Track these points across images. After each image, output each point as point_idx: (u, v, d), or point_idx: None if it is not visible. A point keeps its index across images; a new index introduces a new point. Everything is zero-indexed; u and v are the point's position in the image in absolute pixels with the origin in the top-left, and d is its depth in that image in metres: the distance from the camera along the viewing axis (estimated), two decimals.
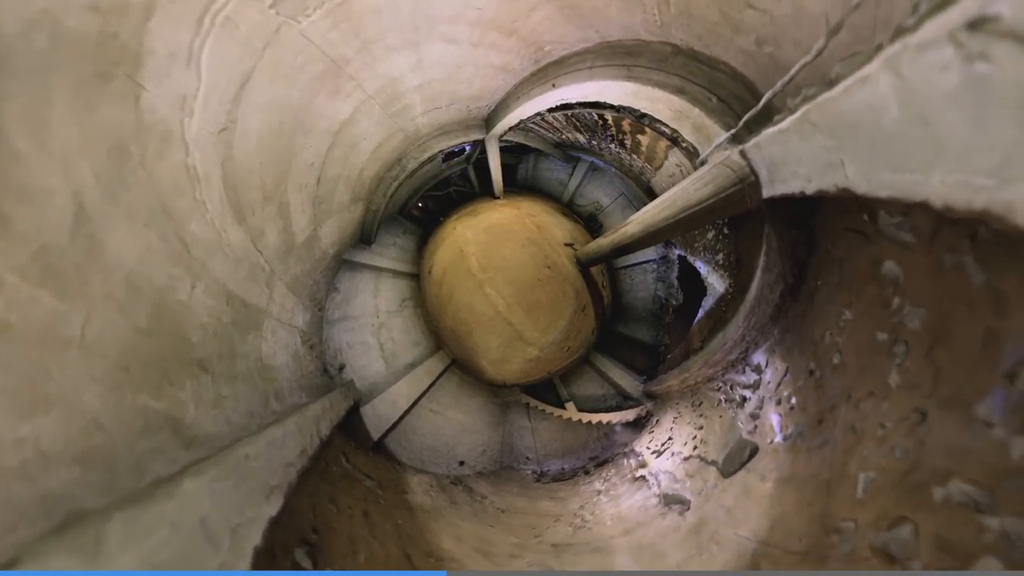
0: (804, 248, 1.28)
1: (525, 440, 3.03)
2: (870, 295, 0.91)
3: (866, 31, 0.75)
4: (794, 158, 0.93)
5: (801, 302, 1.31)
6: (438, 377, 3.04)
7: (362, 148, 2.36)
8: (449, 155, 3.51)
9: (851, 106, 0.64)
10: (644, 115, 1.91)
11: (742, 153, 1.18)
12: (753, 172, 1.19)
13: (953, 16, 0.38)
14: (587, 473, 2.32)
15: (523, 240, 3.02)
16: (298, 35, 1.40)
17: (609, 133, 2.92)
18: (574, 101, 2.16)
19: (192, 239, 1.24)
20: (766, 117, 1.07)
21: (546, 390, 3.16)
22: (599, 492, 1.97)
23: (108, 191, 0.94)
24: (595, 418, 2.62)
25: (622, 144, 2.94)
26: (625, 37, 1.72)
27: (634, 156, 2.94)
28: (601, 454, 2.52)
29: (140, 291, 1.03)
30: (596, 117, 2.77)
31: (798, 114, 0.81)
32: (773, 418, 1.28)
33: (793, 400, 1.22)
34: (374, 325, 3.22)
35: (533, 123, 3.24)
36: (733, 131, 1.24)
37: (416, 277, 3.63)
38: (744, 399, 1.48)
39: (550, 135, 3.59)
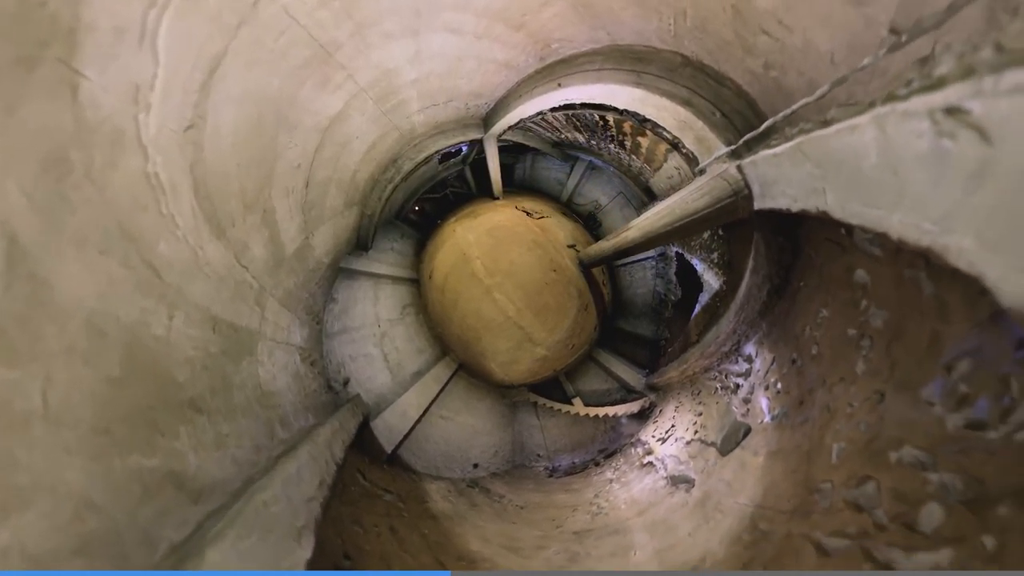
0: (789, 253, 1.46)
1: (535, 438, 3.12)
2: (843, 297, 1.09)
3: (862, 80, 0.89)
4: (784, 179, 1.07)
5: (785, 300, 1.49)
6: (446, 383, 3.05)
7: (354, 148, 2.19)
8: (445, 156, 3.44)
9: (839, 146, 0.78)
10: (647, 120, 1.94)
11: (739, 168, 1.32)
12: (747, 186, 1.33)
13: (936, 99, 0.51)
14: (597, 465, 2.47)
15: (528, 243, 3.08)
16: (280, 12, 1.18)
17: (609, 134, 2.98)
18: (578, 102, 2.11)
19: (162, 262, 1.05)
20: (764, 139, 1.21)
21: (552, 388, 3.27)
22: (611, 480, 2.14)
23: (47, 215, 0.74)
24: (602, 411, 2.77)
25: (622, 145, 3.00)
26: (636, 42, 1.70)
27: (633, 157, 3.01)
28: (609, 446, 2.66)
29: (106, 334, 0.85)
30: (597, 118, 2.81)
31: (793, 143, 0.95)
32: (762, 402, 1.47)
33: (779, 385, 1.41)
34: (376, 335, 3.13)
35: (533, 122, 3.24)
36: (733, 147, 1.37)
37: (416, 282, 3.55)
38: (737, 386, 1.68)
39: (549, 134, 3.61)
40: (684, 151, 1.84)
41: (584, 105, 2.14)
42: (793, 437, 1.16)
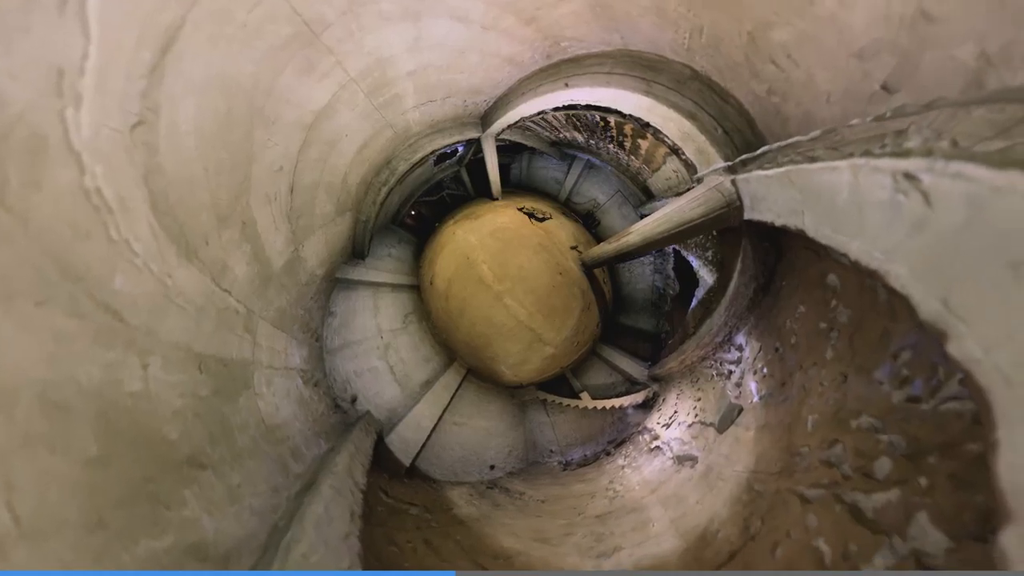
0: (773, 257, 1.70)
1: (546, 434, 3.22)
2: (817, 296, 1.33)
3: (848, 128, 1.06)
4: (771, 198, 1.28)
5: (770, 297, 1.75)
6: (456, 390, 3.04)
7: (344, 148, 2.00)
8: (441, 157, 3.37)
9: (820, 180, 0.99)
10: (650, 125, 1.97)
11: (733, 183, 1.52)
12: (739, 199, 1.54)
13: (900, 164, 0.70)
14: (608, 454, 2.67)
15: (534, 246, 3.15)
16: None
17: (610, 134, 3.02)
18: (584, 103, 2.08)
19: (122, 301, 0.86)
20: (758, 160, 1.40)
21: (559, 385, 3.42)
22: (623, 467, 2.36)
23: None
24: (608, 404, 2.96)
25: (621, 146, 3.06)
26: (648, 50, 1.70)
27: (632, 157, 3.09)
28: (618, 436, 2.86)
29: (69, 408, 0.70)
30: (599, 118, 2.81)
31: (783, 169, 1.15)
32: (752, 385, 1.73)
33: (764, 370, 1.67)
34: (380, 347, 3.02)
35: (532, 121, 3.19)
36: (731, 164, 1.54)
37: (417, 288, 3.46)
38: (730, 372, 1.94)
39: (547, 133, 3.62)
40: (684, 158, 1.94)
41: (589, 107, 2.14)
42: (777, 413, 1.41)
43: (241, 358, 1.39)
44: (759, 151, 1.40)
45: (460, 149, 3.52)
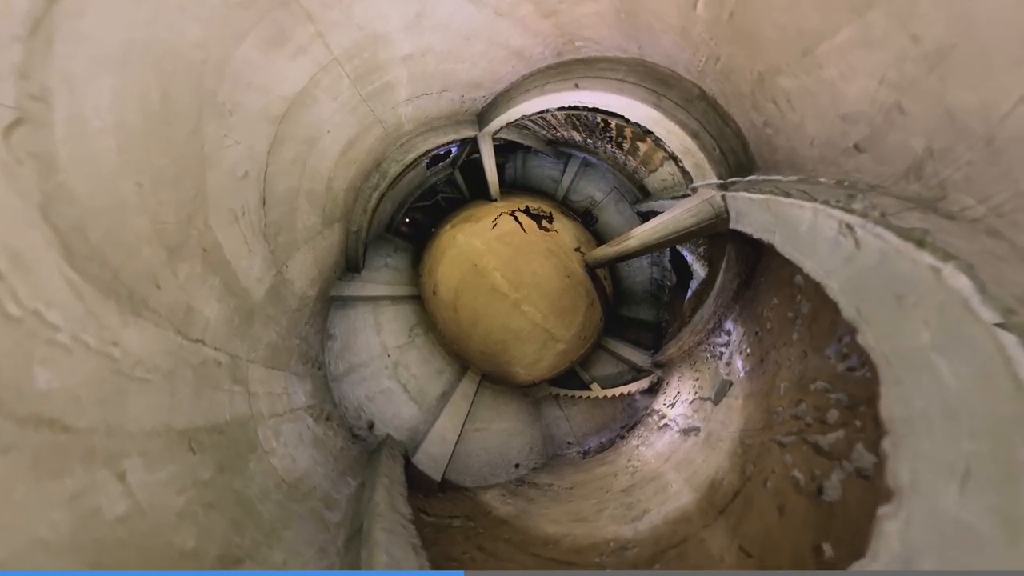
0: (753, 258, 2.14)
1: (562, 428, 3.45)
2: (786, 292, 1.76)
3: (818, 173, 1.43)
4: (752, 216, 1.69)
5: (751, 290, 2.20)
6: (474, 397, 3.09)
7: (326, 147, 1.72)
8: (433, 159, 3.27)
9: (789, 212, 1.38)
10: (652, 132, 2.10)
11: (723, 198, 1.90)
12: (727, 211, 1.93)
13: (845, 217, 1.08)
14: (623, 438, 3.05)
15: (544, 252, 3.32)
16: None
17: (609, 135, 3.13)
18: (590, 105, 2.08)
19: (57, 403, 0.66)
20: (746, 184, 1.79)
21: (568, 380, 3.70)
22: (637, 446, 2.79)
23: None
24: (617, 391, 3.31)
25: (620, 146, 3.20)
26: (663, 64, 1.78)
27: (630, 157, 3.25)
28: (629, 421, 3.21)
29: (47, 543, 0.57)
30: (600, 120, 2.84)
31: (764, 196, 1.54)
32: (738, 363, 2.19)
33: (748, 350, 2.13)
34: (388, 367, 2.93)
35: (531, 120, 3.16)
36: (723, 182, 1.91)
37: (418, 298, 3.39)
38: (721, 353, 2.41)
39: (544, 132, 3.63)
40: (681, 166, 2.16)
41: (595, 110, 2.15)
42: (758, 383, 1.87)
43: (237, 417, 1.20)
44: (748, 178, 1.79)
45: (453, 150, 3.40)
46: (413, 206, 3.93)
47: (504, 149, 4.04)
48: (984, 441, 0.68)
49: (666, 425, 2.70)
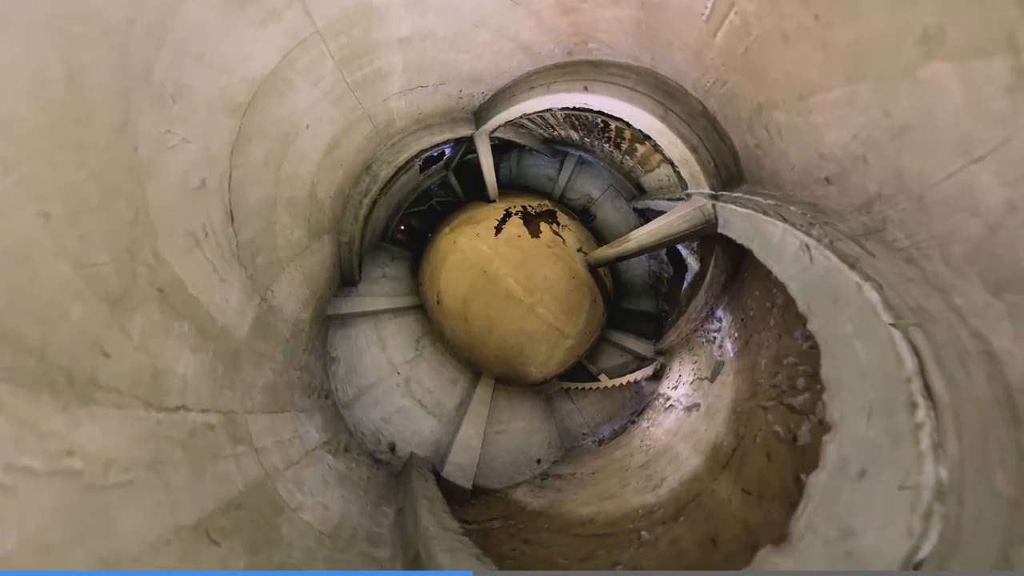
0: (739, 256, 2.63)
1: (575, 420, 3.75)
2: (766, 285, 2.25)
3: (789, 198, 1.91)
4: (737, 224, 2.15)
5: (737, 283, 2.69)
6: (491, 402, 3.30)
7: (305, 145, 1.50)
8: (426, 161, 3.18)
9: (765, 227, 1.85)
10: (650, 137, 2.28)
11: (713, 207, 2.36)
12: (716, 218, 2.38)
13: (804, 238, 1.54)
14: (634, 423, 3.48)
15: (552, 256, 3.60)
16: None
17: (608, 136, 3.32)
18: (596, 108, 2.13)
19: (14, 552, 0.53)
20: (733, 198, 2.26)
21: (577, 374, 4.06)
22: (648, 427, 3.28)
23: None
24: (624, 380, 3.73)
25: (618, 147, 3.42)
26: (672, 78, 1.93)
27: (628, 157, 3.51)
28: (637, 406, 3.63)
29: None
30: (600, 121, 2.98)
31: (746, 211, 2.01)
32: (728, 345, 2.69)
33: (736, 334, 2.62)
34: (400, 384, 2.84)
35: (529, 119, 3.15)
36: (714, 193, 2.36)
37: (421, 308, 3.38)
38: (715, 338, 2.90)
39: (541, 131, 3.72)
40: (677, 171, 2.46)
41: (600, 113, 2.24)
42: (745, 361, 2.36)
43: (251, 482, 1.07)
44: (735, 192, 2.24)
45: (447, 151, 3.27)
46: (407, 212, 3.85)
47: (499, 149, 4.00)
48: (880, 391, 1.13)
49: (672, 405, 3.19)
